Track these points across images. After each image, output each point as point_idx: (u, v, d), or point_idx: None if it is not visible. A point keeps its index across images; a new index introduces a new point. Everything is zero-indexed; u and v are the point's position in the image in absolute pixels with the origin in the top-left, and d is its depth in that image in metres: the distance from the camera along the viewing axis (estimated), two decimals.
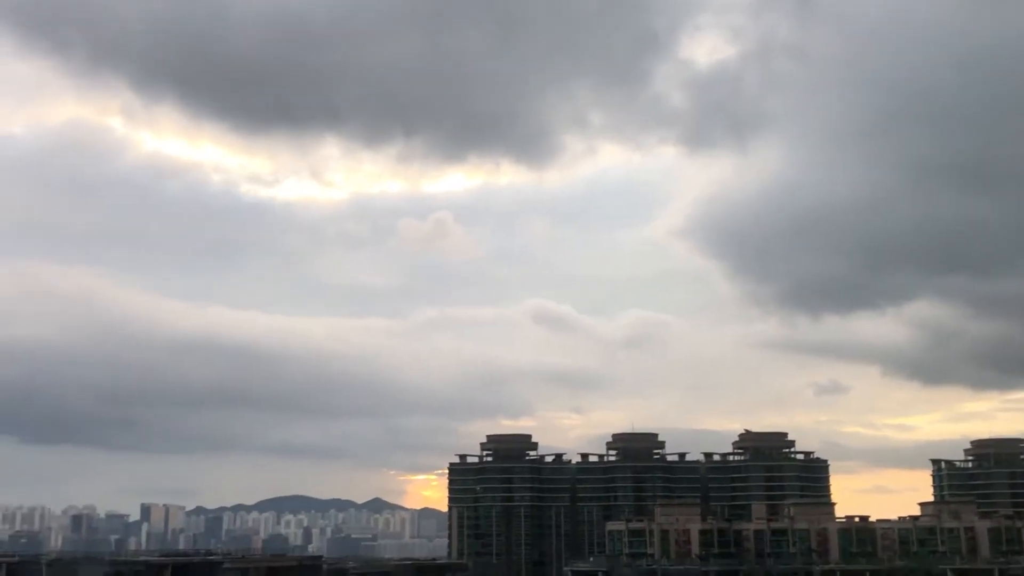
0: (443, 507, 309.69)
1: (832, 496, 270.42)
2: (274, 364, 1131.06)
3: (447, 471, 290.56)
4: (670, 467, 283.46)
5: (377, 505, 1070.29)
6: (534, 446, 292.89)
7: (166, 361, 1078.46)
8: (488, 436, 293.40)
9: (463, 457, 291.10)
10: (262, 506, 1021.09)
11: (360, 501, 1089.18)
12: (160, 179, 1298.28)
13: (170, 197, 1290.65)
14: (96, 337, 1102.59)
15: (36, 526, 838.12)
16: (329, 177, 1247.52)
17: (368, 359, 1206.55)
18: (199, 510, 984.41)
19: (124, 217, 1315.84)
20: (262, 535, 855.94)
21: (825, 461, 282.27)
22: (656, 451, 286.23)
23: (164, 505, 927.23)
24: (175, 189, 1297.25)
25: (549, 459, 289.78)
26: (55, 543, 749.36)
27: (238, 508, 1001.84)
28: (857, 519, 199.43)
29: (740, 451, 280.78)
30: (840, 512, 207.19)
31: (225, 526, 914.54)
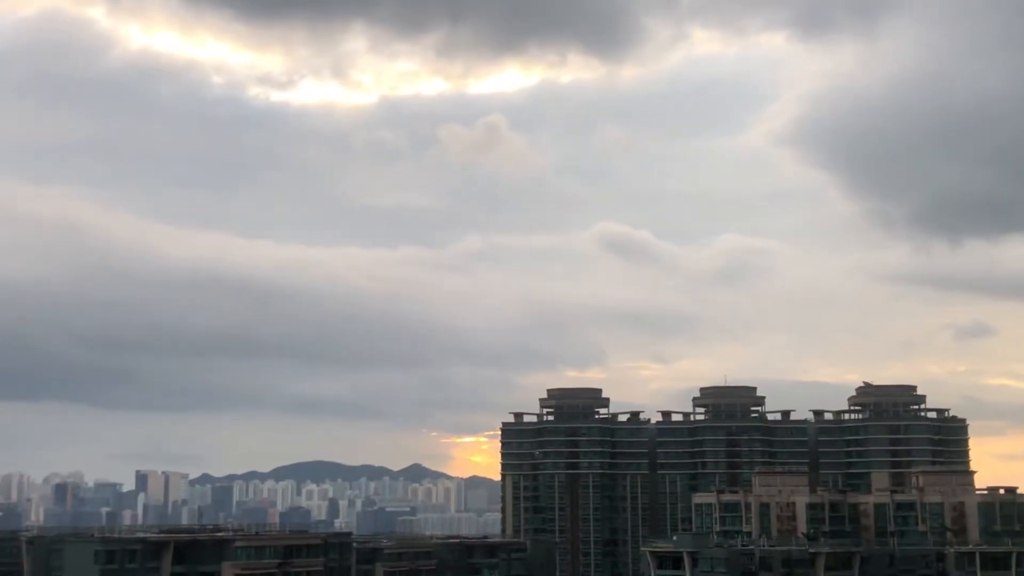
0: (495, 475, 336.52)
1: (971, 463, 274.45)
2: (291, 304, 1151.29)
3: (500, 432, 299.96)
4: (771, 428, 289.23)
5: (416, 473, 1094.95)
6: (605, 402, 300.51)
7: (162, 300, 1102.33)
8: (549, 391, 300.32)
9: (519, 416, 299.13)
10: (279, 473, 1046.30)
11: (396, 468, 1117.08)
12: (151, 82, 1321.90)
13: (163, 103, 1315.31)
14: (79, 272, 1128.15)
15: (13, 497, 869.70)
16: (355, 76, 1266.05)
17: (404, 297, 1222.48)
18: (204, 478, 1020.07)
19: (109, 128, 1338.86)
20: (280, 507, 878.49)
21: (963, 421, 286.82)
22: (754, 408, 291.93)
23: (163, 473, 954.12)
24: (169, 94, 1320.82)
25: (623, 418, 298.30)
26: (36, 517, 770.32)
27: (251, 476, 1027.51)
28: (1002, 491, 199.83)
29: (858, 408, 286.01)
30: (980, 482, 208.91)
31: (236, 497, 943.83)
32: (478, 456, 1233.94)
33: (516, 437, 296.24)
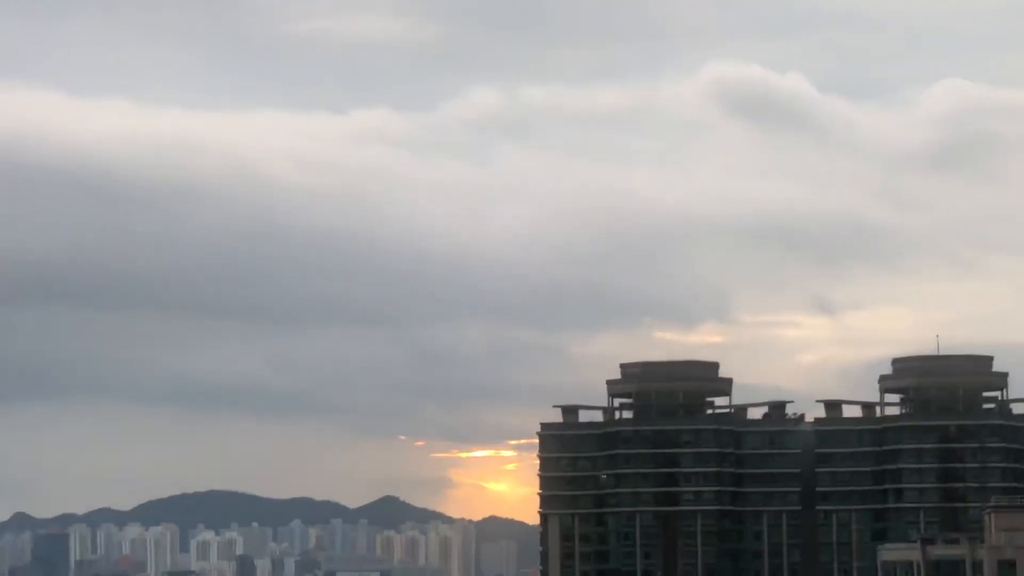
0: (529, 516, 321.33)
1: None
2: (160, 214, 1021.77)
3: (537, 442, 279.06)
4: (1019, 428, 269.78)
5: (390, 511, 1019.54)
6: (725, 386, 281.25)
7: None
8: (624, 366, 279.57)
9: (571, 412, 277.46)
10: (149, 513, 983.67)
11: (355, 504, 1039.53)
12: None
13: None
14: None
15: None
16: None
17: (364, 202, 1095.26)
18: (21, 521, 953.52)
19: None
20: (152, 571, 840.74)
21: None
22: (988, 394, 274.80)
23: None
24: None
25: (756, 414, 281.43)
26: None
27: (101, 517, 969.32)
28: None
29: None
30: None
31: (74, 552, 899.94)
32: (499, 482, 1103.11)
33: (567, 449, 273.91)
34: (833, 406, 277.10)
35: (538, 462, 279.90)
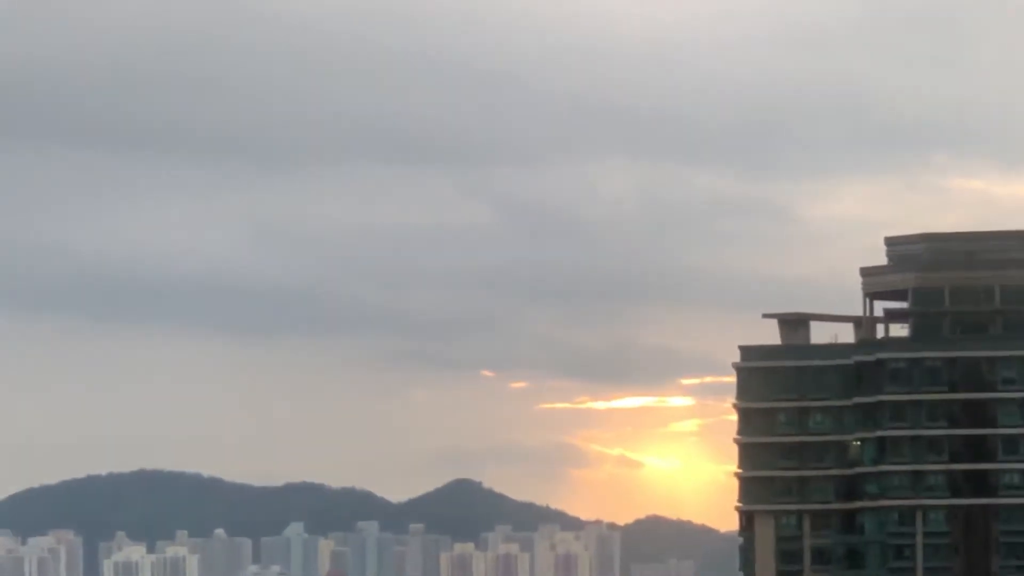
0: (716, 514, 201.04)
1: None
2: None
3: (733, 379, 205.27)
4: None
5: (461, 507, 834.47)
6: None
7: None
8: (892, 240, 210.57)
9: (793, 325, 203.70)
10: (20, 510, 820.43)
11: (398, 495, 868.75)
12: None
13: None
14: None
15: None
16: None
17: None
18: None
19: None
20: None
21: None
22: None
23: None
24: None
25: None
26: None
27: None
28: None
29: None
30: None
31: None
32: (663, 454, 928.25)
33: (787, 393, 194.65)
34: None
35: (733, 418, 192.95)
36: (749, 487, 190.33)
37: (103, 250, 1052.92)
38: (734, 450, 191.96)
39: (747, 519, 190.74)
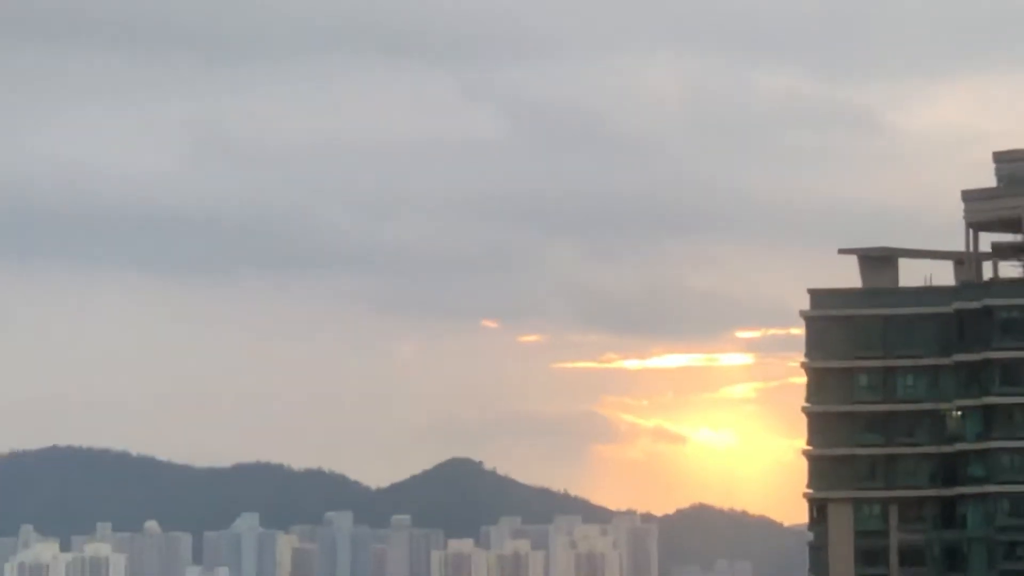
0: (778, 503, 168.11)
1: None
2: None
3: (802, 331, 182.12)
4: None
5: (457, 493, 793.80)
6: None
7: None
8: (1000, 154, 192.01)
9: (876, 264, 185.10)
10: None
11: (377, 480, 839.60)
12: None
13: None
14: None
15: None
16: None
17: None
18: None
19: None
20: None
21: None
22: None
23: None
24: None
25: None
26: None
27: None
28: None
29: None
30: None
31: None
32: (711, 425, 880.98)
33: (868, 349, 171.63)
34: None
35: (802, 381, 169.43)
36: (821, 469, 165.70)
37: None
38: (802, 422, 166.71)
39: (818, 509, 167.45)
